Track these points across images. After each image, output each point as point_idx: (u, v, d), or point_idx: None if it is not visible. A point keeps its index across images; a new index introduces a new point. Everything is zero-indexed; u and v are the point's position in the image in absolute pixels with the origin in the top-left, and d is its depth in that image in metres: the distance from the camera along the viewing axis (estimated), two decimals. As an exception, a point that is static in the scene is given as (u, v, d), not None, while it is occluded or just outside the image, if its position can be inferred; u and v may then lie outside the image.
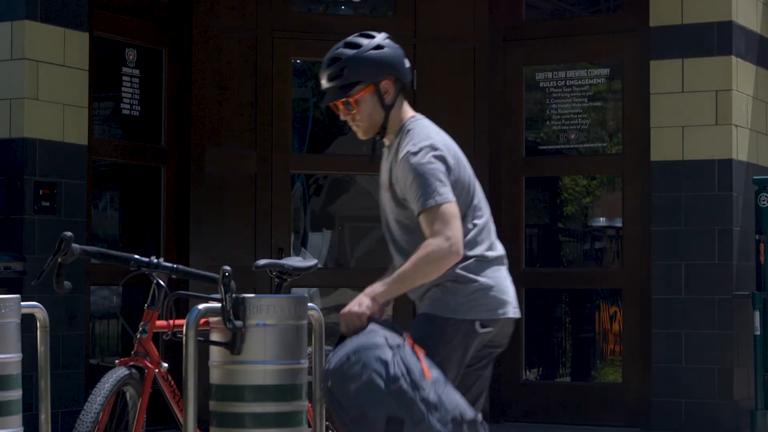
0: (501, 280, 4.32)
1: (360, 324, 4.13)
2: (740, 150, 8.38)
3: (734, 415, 8.17)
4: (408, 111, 4.43)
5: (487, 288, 4.27)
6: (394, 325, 4.21)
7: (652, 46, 8.53)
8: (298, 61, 9.23)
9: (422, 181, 4.17)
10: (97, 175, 8.45)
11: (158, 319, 4.70)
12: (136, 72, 8.60)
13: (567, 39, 9.08)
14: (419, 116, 4.43)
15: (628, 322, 8.77)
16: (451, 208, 4.16)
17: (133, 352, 4.67)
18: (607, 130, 9.19)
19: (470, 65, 9.12)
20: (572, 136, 9.12)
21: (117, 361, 4.63)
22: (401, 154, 4.27)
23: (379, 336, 4.07)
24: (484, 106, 9.09)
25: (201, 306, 3.74)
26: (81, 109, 7.83)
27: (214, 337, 3.77)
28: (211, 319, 3.77)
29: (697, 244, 8.30)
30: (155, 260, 4.71)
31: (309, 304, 3.97)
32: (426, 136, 4.30)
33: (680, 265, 8.34)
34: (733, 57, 8.32)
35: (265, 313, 3.72)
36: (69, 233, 4.60)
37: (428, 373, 4.02)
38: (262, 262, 5.30)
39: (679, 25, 8.42)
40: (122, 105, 8.55)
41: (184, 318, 3.83)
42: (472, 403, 4.27)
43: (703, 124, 8.33)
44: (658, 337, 8.38)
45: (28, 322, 5.00)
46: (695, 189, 8.32)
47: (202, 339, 3.77)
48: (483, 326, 4.25)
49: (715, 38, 8.33)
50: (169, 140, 8.74)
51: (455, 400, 4.04)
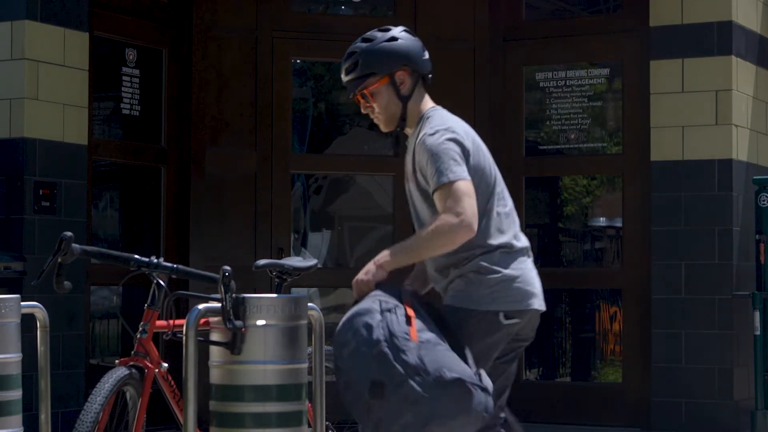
0: (527, 272, 4.32)
1: (367, 290, 4.20)
2: (740, 150, 8.37)
3: (734, 415, 8.17)
4: (428, 102, 4.46)
5: (511, 279, 4.27)
6: (400, 290, 4.23)
7: (652, 46, 8.52)
8: (298, 61, 9.23)
9: (436, 159, 4.22)
10: (97, 175, 8.44)
11: (158, 319, 4.70)
12: (136, 72, 8.60)
13: (567, 39, 9.08)
14: (439, 107, 4.47)
15: (628, 322, 8.76)
16: (464, 185, 4.19)
17: (133, 352, 4.66)
18: (607, 130, 9.18)
19: (470, 65, 9.12)
20: (572, 136, 9.12)
21: (117, 361, 4.63)
22: (419, 139, 4.31)
23: (374, 301, 4.11)
24: (484, 106, 9.09)
25: (201, 306, 3.74)
26: (81, 109, 7.83)
27: (214, 337, 3.77)
28: (211, 319, 3.77)
29: (697, 244, 8.30)
30: (155, 260, 4.71)
31: (309, 304, 3.96)
32: (444, 122, 4.34)
33: (680, 265, 8.33)
34: (733, 57, 8.32)
35: (265, 313, 3.71)
36: (69, 233, 4.59)
37: (415, 335, 4.01)
38: (262, 262, 5.30)
39: (679, 25, 8.42)
40: (122, 105, 8.54)
41: (184, 318, 3.83)
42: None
43: (703, 124, 8.33)
44: (658, 337, 8.38)
45: (28, 322, 5.00)
46: (695, 189, 8.32)
47: (202, 339, 3.77)
48: (507, 317, 4.25)
49: (715, 38, 8.33)
50: (169, 140, 8.73)
51: (437, 360, 3.98)
